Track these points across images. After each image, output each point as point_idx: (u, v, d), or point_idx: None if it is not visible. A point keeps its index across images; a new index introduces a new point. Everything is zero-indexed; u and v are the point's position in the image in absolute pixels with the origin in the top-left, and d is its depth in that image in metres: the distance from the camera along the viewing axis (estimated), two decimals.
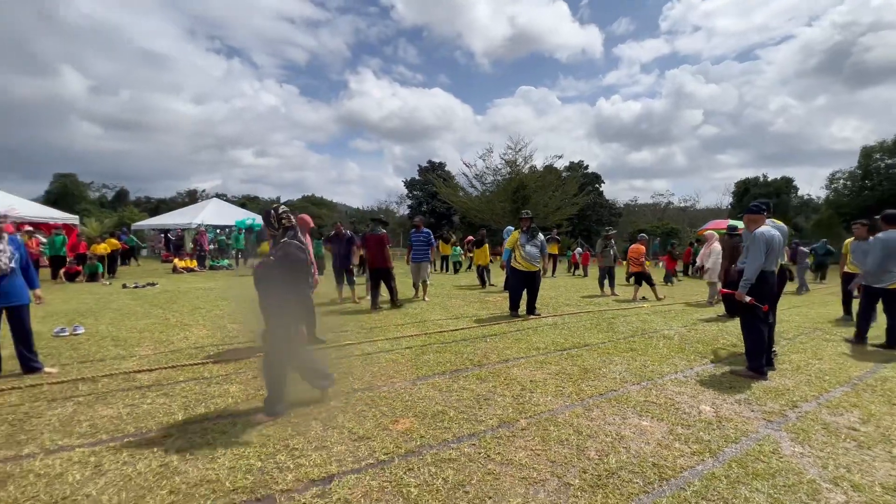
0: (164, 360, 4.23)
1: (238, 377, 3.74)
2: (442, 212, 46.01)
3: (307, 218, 5.34)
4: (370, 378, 3.76)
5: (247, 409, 3.06)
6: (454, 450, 2.51)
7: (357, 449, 2.52)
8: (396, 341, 5.04)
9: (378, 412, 3.04)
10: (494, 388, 3.52)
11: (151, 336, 5.20)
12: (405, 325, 5.98)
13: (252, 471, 2.27)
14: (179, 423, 2.83)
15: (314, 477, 2.23)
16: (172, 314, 6.66)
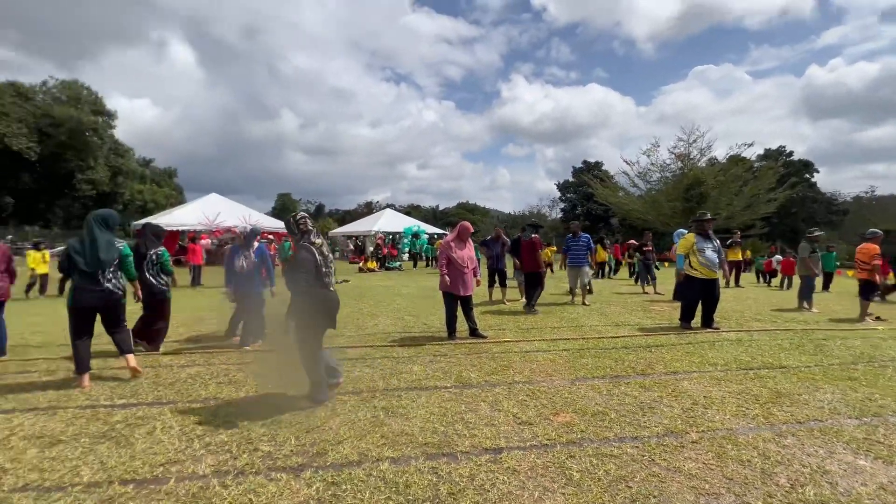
0: (364, 341, 5.30)
1: (419, 359, 4.47)
2: (598, 214, 43.38)
3: (468, 225, 5.77)
4: (529, 373, 4.03)
5: (429, 385, 3.67)
6: (616, 447, 2.59)
7: (521, 431, 2.82)
8: (553, 343, 5.19)
9: (539, 403, 3.28)
10: (660, 398, 3.39)
11: (353, 321, 6.52)
12: (561, 328, 6.06)
13: (437, 432, 2.79)
14: (381, 389, 3.59)
15: (486, 446, 2.61)
16: (364, 305, 8.16)
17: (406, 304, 8.24)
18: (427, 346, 5.00)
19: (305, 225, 3.41)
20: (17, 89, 34.04)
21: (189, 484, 2.21)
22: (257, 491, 2.15)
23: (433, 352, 4.78)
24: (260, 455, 2.50)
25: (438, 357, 4.57)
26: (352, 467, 2.37)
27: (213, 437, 2.72)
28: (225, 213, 19.59)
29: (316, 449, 2.57)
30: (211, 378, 3.86)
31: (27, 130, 31.49)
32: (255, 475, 2.30)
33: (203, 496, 2.11)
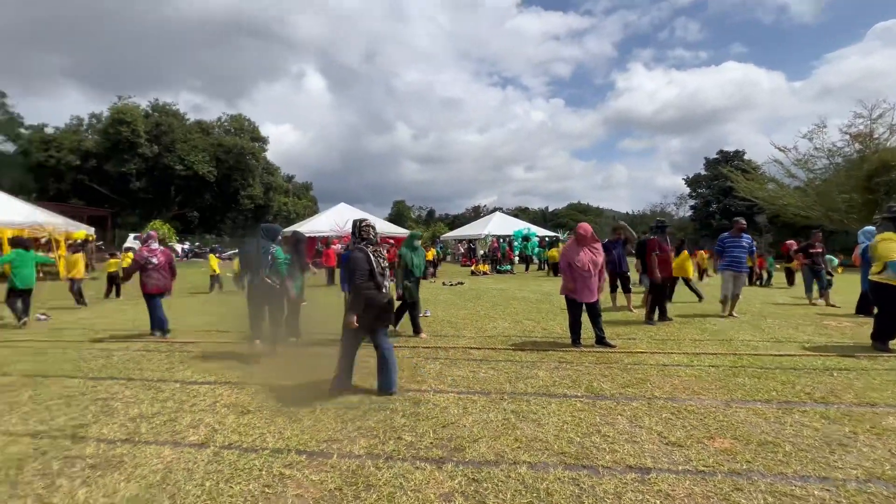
0: (484, 343, 5.38)
1: (543, 365, 4.37)
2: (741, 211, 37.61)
3: (586, 228, 5.21)
4: (671, 389, 3.64)
5: (558, 392, 3.57)
6: (798, 487, 2.18)
7: (670, 453, 2.56)
8: (696, 357, 4.62)
9: (687, 424, 2.95)
10: (854, 434, 2.77)
11: (471, 323, 6.68)
12: (703, 341, 5.37)
13: (573, 442, 2.69)
14: (508, 392, 3.60)
15: (630, 464, 2.43)
16: (480, 307, 8.30)
17: (523, 308, 8.15)
18: (550, 352, 4.87)
19: (367, 232, 3.75)
20: (201, 126, 42.78)
21: (348, 461, 2.49)
22: (406, 476, 2.32)
23: (557, 358, 4.63)
24: (404, 444, 2.70)
25: (564, 364, 4.41)
26: (490, 466, 2.42)
27: (362, 422, 3.02)
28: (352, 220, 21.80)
29: (454, 444, 2.69)
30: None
31: (208, 158, 39.26)
32: (402, 461, 2.49)
33: (361, 473, 2.36)
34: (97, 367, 4.46)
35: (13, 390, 3.74)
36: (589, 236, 5.06)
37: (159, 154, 37.07)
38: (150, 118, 38.24)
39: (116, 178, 36.27)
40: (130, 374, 4.20)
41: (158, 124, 37.94)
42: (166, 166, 37.15)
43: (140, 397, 3.54)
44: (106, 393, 3.66)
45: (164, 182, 38.42)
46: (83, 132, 39.94)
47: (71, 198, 35.37)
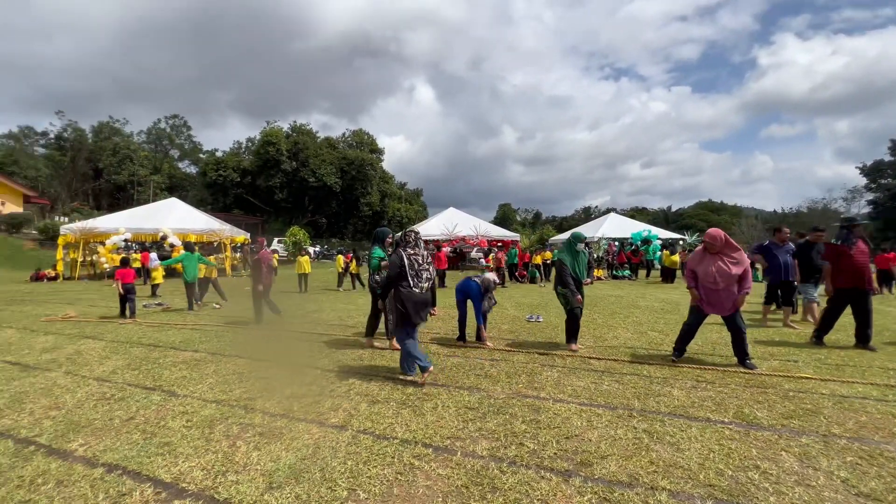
0: (605, 353, 5.04)
1: (677, 383, 3.92)
2: None
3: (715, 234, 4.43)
4: (855, 427, 2.96)
5: (699, 416, 3.16)
6: None
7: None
8: (891, 390, 3.68)
9: (884, 472, 2.36)
10: None
11: (588, 331, 6.31)
12: None
13: (724, 475, 2.34)
14: (638, 409, 3.30)
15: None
16: (597, 315, 7.80)
17: (647, 318, 7.44)
18: (685, 369, 4.35)
19: (406, 238, 4.23)
20: (329, 142, 48.33)
21: (472, 461, 2.53)
22: (531, 485, 2.27)
23: (694, 376, 4.11)
24: (526, 450, 2.66)
25: (703, 383, 3.89)
26: (623, 487, 2.24)
27: (482, 423, 3.05)
28: (461, 224, 22.39)
29: (580, 458, 2.55)
30: (470, 370, 4.39)
31: (334, 170, 44.15)
32: (525, 468, 2.44)
33: (486, 475, 2.37)
34: (259, 349, 5.30)
35: (202, 365, 4.64)
36: (720, 243, 4.37)
37: (297, 169, 42.82)
38: (290, 138, 44.44)
39: (265, 191, 42.89)
40: (283, 359, 4.89)
41: (296, 143, 43.88)
42: (302, 179, 42.75)
43: (291, 379, 4.09)
44: (266, 373, 4.32)
45: (300, 193, 44.22)
46: (242, 154, 48.20)
47: (233, 209, 42.86)
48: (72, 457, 2.61)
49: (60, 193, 42.61)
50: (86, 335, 6.28)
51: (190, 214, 20.80)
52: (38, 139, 49.32)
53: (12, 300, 10.81)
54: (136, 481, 2.33)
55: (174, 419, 3.15)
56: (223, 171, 43.12)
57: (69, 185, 44.89)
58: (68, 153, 46.60)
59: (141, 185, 45.27)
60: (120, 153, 45.05)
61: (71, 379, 4.15)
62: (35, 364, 4.70)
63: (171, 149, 57.27)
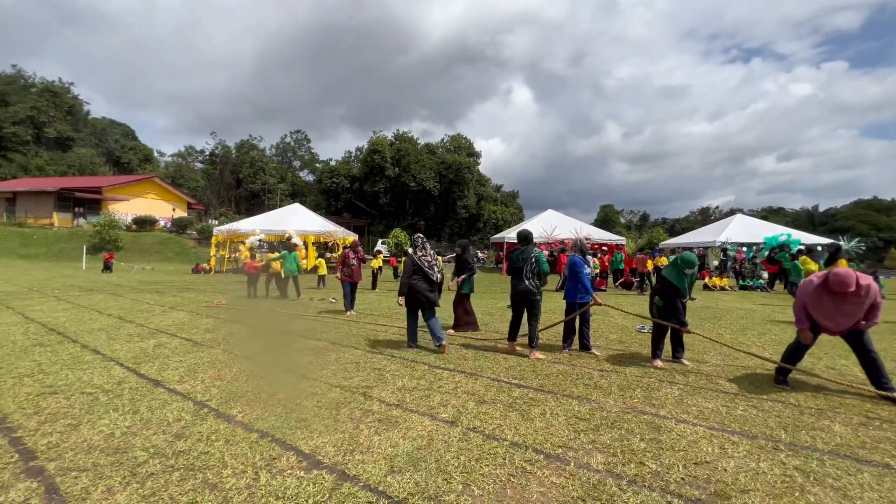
0: (736, 372, 4.44)
1: (838, 417, 3.29)
2: None
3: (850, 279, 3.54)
4: None
5: (871, 459, 2.62)
6: None
7: None
8: None
9: None
10: None
11: (716, 348, 5.62)
12: None
13: None
14: (784, 441, 2.85)
15: None
16: (722, 329, 6.92)
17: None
18: (848, 400, 3.63)
19: (415, 242, 5.47)
20: (428, 147, 50.42)
21: (587, 473, 2.43)
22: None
23: (863, 410, 3.41)
24: (648, 471, 2.46)
25: (874, 420, 3.21)
26: None
27: (596, 436, 2.91)
28: (559, 226, 21.63)
29: (713, 488, 2.29)
30: (578, 378, 4.21)
31: (433, 175, 45.93)
32: (648, 490, 2.27)
33: (604, 490, 2.26)
34: (372, 342, 5.75)
35: (325, 353, 5.18)
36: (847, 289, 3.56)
37: (399, 174, 45.47)
38: (393, 146, 47.39)
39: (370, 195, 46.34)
40: (393, 353, 5.24)
41: (399, 150, 46.61)
42: (404, 184, 45.25)
43: (402, 372, 4.36)
44: (379, 364, 4.66)
45: (402, 197, 46.85)
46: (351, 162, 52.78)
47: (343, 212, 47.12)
48: (234, 421, 3.11)
49: (212, 200, 51.28)
50: (234, 320, 7.44)
51: (309, 217, 23.42)
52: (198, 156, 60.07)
53: (182, 288, 13.28)
54: (282, 448, 2.69)
55: (307, 399, 3.57)
56: (335, 179, 47.68)
57: (218, 193, 53.79)
58: (218, 167, 55.90)
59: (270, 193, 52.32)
60: (255, 165, 52.64)
61: (228, 356, 4.95)
62: (202, 341, 5.71)
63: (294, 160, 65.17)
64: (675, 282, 4.62)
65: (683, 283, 4.63)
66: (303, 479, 2.34)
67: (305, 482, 2.30)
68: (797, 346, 4.07)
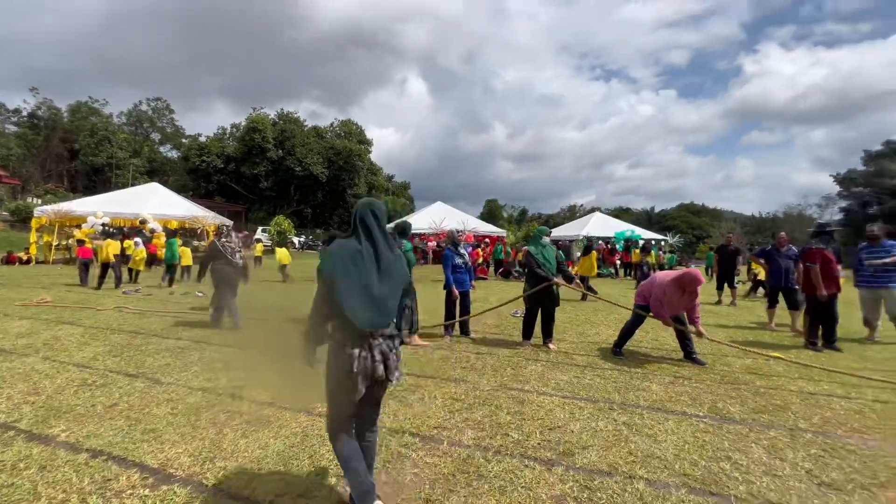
0: (588, 349, 5.17)
1: (655, 378, 4.06)
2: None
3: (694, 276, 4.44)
4: (820, 422, 3.13)
5: (675, 409, 3.29)
6: None
7: (825, 495, 2.21)
8: (855, 388, 3.89)
9: (846, 465, 2.51)
10: None
11: (572, 328, 6.45)
12: (864, 370, 4.49)
13: (698, 466, 2.46)
14: (618, 402, 3.42)
15: (772, 499, 2.15)
16: (581, 312, 7.97)
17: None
18: (664, 365, 4.50)
19: (220, 231, 6.06)
20: (317, 131, 47.61)
21: (459, 450, 2.60)
22: (516, 473, 2.35)
23: (672, 372, 4.26)
24: (511, 441, 2.74)
25: (680, 379, 4.04)
26: (603, 476, 2.34)
27: (469, 414, 3.12)
28: (448, 218, 22.43)
29: (562, 448, 2.64)
30: (457, 362, 4.46)
31: (321, 160, 43.57)
32: (510, 457, 2.52)
33: (472, 463, 2.44)
34: (242, 339, 5.26)
35: (186, 353, 4.59)
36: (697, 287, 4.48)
37: (283, 157, 42.10)
38: (276, 126, 43.61)
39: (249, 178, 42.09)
40: (268, 348, 4.87)
41: (283, 131, 43.10)
42: (288, 168, 42.05)
43: (278, 369, 4.09)
44: (252, 362, 4.30)
45: (286, 182, 43.52)
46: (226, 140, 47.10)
47: (215, 196, 41.97)
48: (54, 442, 2.57)
49: (33, 174, 41.04)
50: (63, 321, 6.13)
51: (171, 200, 20.35)
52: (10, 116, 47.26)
53: None
54: (121, 467, 2.32)
55: (159, 406, 3.13)
56: (206, 157, 42.10)
57: (42, 165, 43.24)
58: (42, 132, 44.83)
59: (119, 169, 43.89)
60: (98, 134, 43.51)
61: (49, 365, 4.06)
62: (11, 349, 4.58)
63: (153, 132, 55.61)
64: (535, 254, 5.10)
65: (542, 254, 5.09)
66: (147, 497, 2.06)
67: (151, 500, 2.03)
68: (632, 325, 4.90)
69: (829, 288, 5.36)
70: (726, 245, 9.99)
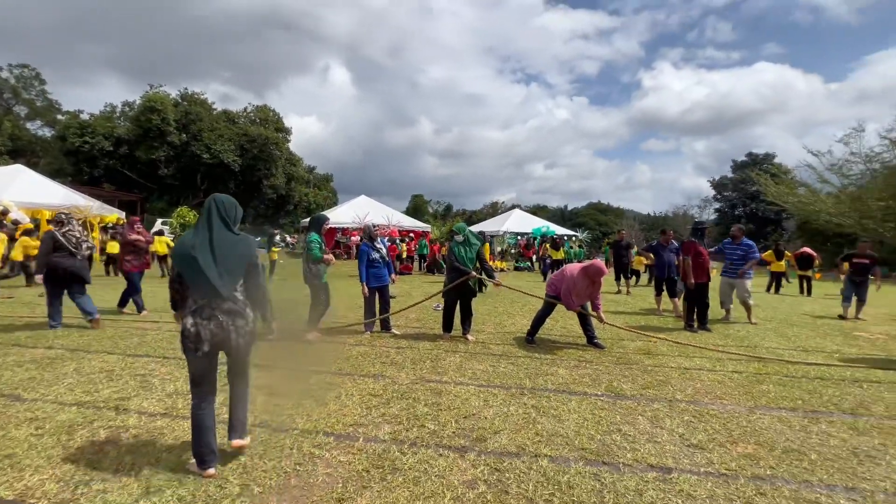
0: (504, 339, 5.42)
1: (562, 363, 4.39)
2: (768, 217, 36.55)
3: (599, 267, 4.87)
4: (693, 392, 3.63)
5: (578, 390, 3.60)
6: (823, 495, 2.17)
7: (692, 454, 2.57)
8: (719, 362, 4.57)
9: (709, 427, 2.94)
10: (884, 447, 2.72)
11: (490, 319, 6.73)
12: (726, 346, 5.29)
13: (594, 440, 2.72)
14: (528, 388, 3.64)
15: (651, 463, 2.45)
16: (499, 304, 8.33)
17: None
18: (570, 350, 4.89)
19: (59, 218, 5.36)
20: (227, 115, 43.70)
21: (374, 445, 2.58)
22: (430, 463, 2.40)
23: (577, 356, 4.65)
24: (427, 431, 2.78)
25: (583, 363, 4.42)
26: (511, 457, 2.48)
27: (386, 409, 3.11)
28: (372, 212, 22.01)
29: (475, 434, 2.75)
30: (376, 358, 4.41)
31: (233, 147, 40.11)
32: (426, 448, 2.57)
33: (387, 458, 2.44)
34: (133, 344, 4.68)
35: (57, 363, 3.96)
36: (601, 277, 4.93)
37: (187, 142, 38.05)
38: (179, 107, 39.22)
39: (146, 164, 37.39)
40: (165, 352, 4.40)
41: (187, 113, 38.90)
42: (193, 154, 38.09)
43: (176, 375, 3.71)
44: (143, 369, 3.85)
45: (191, 170, 39.42)
46: (116, 119, 41.25)
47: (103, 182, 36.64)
48: None
49: None
50: None
51: (42, 185, 17.37)
52: None
53: None
54: None
55: (19, 427, 2.67)
56: (90, 138, 36.44)
57: None
58: None
59: None
60: None
61: None
62: None
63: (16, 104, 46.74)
64: (453, 248, 5.26)
65: (460, 251, 5.22)
66: None
67: None
68: (543, 314, 5.25)
69: (702, 277, 6.22)
70: (619, 241, 11.16)
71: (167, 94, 39.55)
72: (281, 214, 47.31)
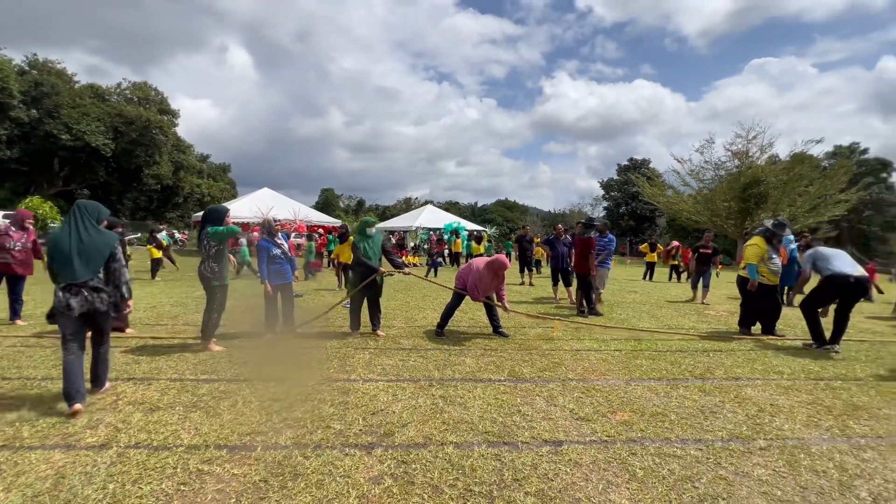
0: (414, 332, 5.47)
1: (470, 353, 4.57)
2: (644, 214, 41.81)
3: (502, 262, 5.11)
4: (582, 371, 4.03)
5: (483, 377, 3.77)
6: (678, 448, 2.58)
7: (580, 427, 2.86)
8: (605, 343, 5.14)
9: (594, 401, 3.30)
10: (722, 403, 3.31)
11: (401, 314, 6.73)
12: (609, 328, 5.97)
13: (496, 422, 2.88)
14: (437, 378, 3.73)
15: (546, 438, 2.68)
16: (410, 298, 8.37)
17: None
18: (476, 340, 5.11)
19: None
20: (94, 90, 37.24)
21: (274, 453, 2.43)
22: (335, 464, 2.33)
23: (483, 346, 4.87)
24: (333, 432, 2.70)
25: (489, 351, 4.65)
26: (418, 448, 2.52)
27: (288, 413, 2.95)
28: (277, 206, 20.56)
29: (383, 430, 2.74)
30: (279, 360, 4.15)
31: (104, 128, 34.38)
32: (331, 449, 2.49)
33: (288, 464, 2.32)
34: None
35: None
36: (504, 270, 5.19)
37: (39, 119, 31.71)
38: (27, 76, 32.51)
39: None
40: (5, 372, 3.64)
41: (39, 84, 32.42)
42: (48, 134, 31.86)
43: (21, 398, 3.09)
44: None
45: (45, 153, 32.96)
46: None
47: None
48: None
49: None
50: None
51: None
52: None
53: None
54: None
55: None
56: None
57: None
58: None
59: None
60: None
61: None
62: None
63: None
64: (357, 243, 5.18)
65: (366, 245, 5.16)
66: None
67: None
68: (452, 306, 5.40)
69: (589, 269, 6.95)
70: (523, 236, 12.00)
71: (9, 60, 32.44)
72: (168, 207, 41.96)
